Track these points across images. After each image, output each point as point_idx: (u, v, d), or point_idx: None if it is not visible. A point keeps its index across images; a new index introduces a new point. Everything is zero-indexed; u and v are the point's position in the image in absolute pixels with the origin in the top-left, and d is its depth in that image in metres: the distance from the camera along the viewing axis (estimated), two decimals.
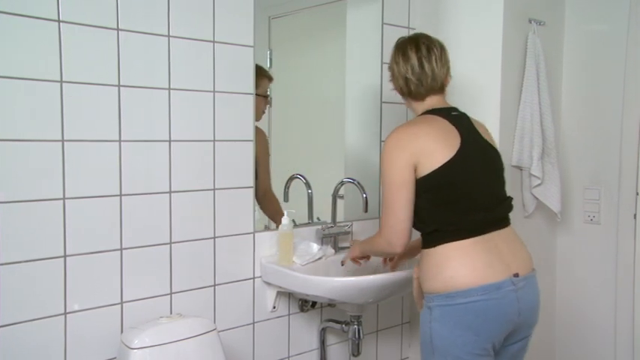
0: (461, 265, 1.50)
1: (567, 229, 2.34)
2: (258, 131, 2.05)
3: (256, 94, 1.90)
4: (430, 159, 1.53)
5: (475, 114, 2.07)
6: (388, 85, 2.19)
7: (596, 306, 2.27)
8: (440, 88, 1.67)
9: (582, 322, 2.32)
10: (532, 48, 2.07)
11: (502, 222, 1.60)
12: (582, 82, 2.28)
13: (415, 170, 1.53)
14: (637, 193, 2.13)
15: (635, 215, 2.14)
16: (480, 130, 1.67)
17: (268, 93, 2.06)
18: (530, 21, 2.10)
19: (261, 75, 1.96)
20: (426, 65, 1.63)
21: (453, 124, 1.59)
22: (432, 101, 1.67)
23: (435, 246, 1.54)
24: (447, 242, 1.52)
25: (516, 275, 1.52)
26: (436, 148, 1.53)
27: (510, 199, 1.66)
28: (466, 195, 1.55)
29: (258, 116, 1.96)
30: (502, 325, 1.51)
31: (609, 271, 2.22)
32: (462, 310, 1.48)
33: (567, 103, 2.33)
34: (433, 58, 1.64)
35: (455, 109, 1.67)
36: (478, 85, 2.08)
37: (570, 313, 2.34)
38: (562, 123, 2.34)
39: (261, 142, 1.99)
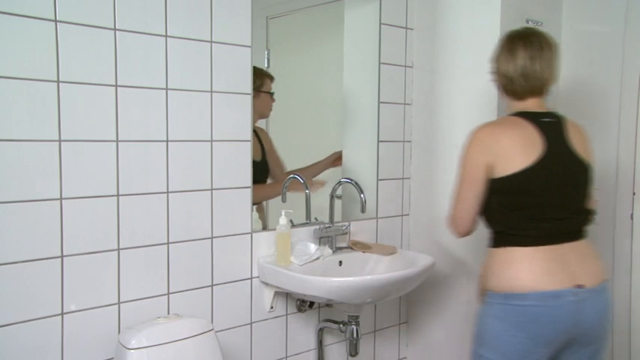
0: (521, 269, 1.53)
1: None
2: (261, 130, 2.09)
3: (263, 92, 2.00)
4: (506, 163, 1.54)
5: (475, 114, 2.10)
6: (386, 85, 2.20)
7: None
8: (542, 91, 1.63)
9: None
10: None
11: (575, 234, 1.59)
12: (579, 82, 2.29)
13: (490, 170, 1.56)
14: (634, 194, 2.14)
15: (632, 215, 2.15)
16: (573, 140, 1.61)
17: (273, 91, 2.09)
18: (527, 21, 2.10)
19: (264, 75, 2.04)
20: (535, 66, 1.58)
21: (540, 132, 1.57)
22: (530, 103, 1.63)
23: (499, 247, 1.59)
24: (510, 246, 1.56)
25: (580, 286, 1.52)
26: (515, 154, 1.54)
27: (589, 212, 1.64)
28: (536, 204, 1.56)
29: (267, 113, 2.07)
30: (556, 332, 1.52)
31: (606, 270, 2.22)
32: (518, 312, 1.52)
33: (563, 103, 2.33)
34: (543, 58, 1.59)
35: (549, 115, 1.63)
36: (476, 85, 2.09)
37: None
38: None
39: (267, 139, 2.07)
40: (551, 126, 1.60)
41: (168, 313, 1.68)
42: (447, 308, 2.23)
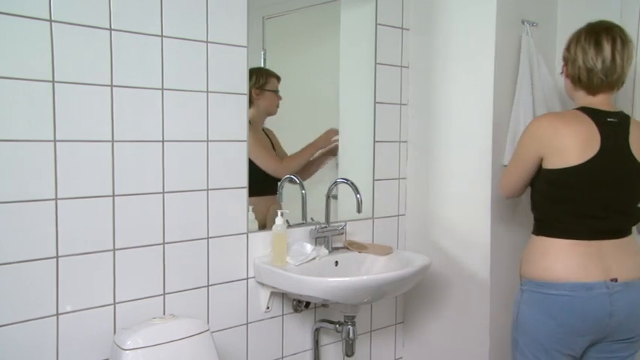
0: (555, 260, 1.60)
1: None
2: (269, 131, 2.17)
3: (268, 90, 2.06)
4: (558, 157, 1.59)
5: (468, 114, 2.10)
6: (382, 86, 2.20)
7: None
8: (615, 87, 1.64)
9: None
10: (525, 48, 2.07)
11: (616, 232, 1.63)
12: None
13: (541, 160, 1.64)
14: None
15: None
16: (635, 143, 1.62)
17: (277, 88, 2.13)
18: (523, 22, 2.11)
19: (269, 74, 2.09)
20: (618, 60, 1.59)
21: (600, 131, 1.58)
22: (600, 99, 1.65)
23: (538, 235, 1.68)
24: (549, 236, 1.64)
25: (614, 280, 1.57)
26: (569, 150, 1.58)
27: (637, 212, 1.67)
28: (579, 201, 1.61)
29: (273, 111, 2.13)
30: (588, 323, 1.58)
31: None
32: (550, 301, 1.60)
33: (562, 104, 2.34)
34: (624, 54, 1.60)
35: (615, 115, 1.63)
36: (471, 85, 2.09)
37: None
38: None
39: (275, 139, 2.16)
40: (614, 126, 1.61)
41: (164, 314, 1.68)
42: (443, 308, 2.23)
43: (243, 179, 1.85)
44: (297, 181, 2.13)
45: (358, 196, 1.93)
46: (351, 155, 2.27)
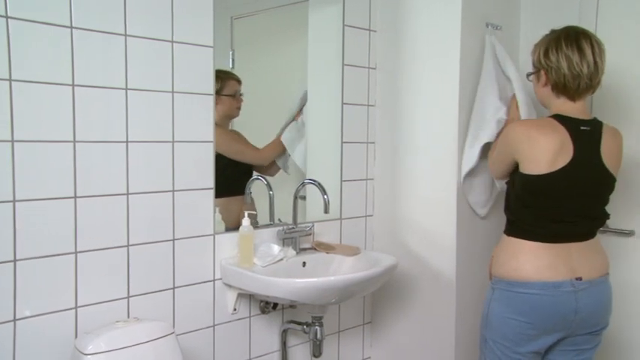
0: (526, 261, 1.65)
1: None
2: (236, 132, 2.15)
3: (225, 95, 2.01)
4: (532, 164, 1.63)
5: (434, 115, 2.12)
6: (349, 87, 2.21)
7: None
8: (593, 92, 1.69)
9: None
10: (489, 49, 2.11)
11: (583, 235, 1.69)
12: None
13: (516, 163, 1.70)
14: None
15: None
16: (606, 151, 1.66)
17: (239, 93, 2.09)
18: (487, 25, 2.15)
19: (227, 77, 2.03)
20: (599, 63, 1.63)
21: (573, 140, 1.61)
22: (577, 106, 1.67)
23: (510, 235, 1.71)
24: (519, 238, 1.68)
25: (579, 279, 1.64)
26: (542, 158, 1.61)
27: (604, 216, 1.74)
28: (550, 207, 1.65)
29: (234, 114, 2.09)
30: (555, 320, 1.64)
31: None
32: (520, 299, 1.65)
33: (521, 107, 2.39)
34: (603, 56, 1.65)
35: (588, 123, 1.66)
36: (437, 86, 2.12)
37: None
38: None
39: (243, 139, 2.15)
40: (587, 135, 1.64)
41: (129, 317, 1.65)
42: (411, 308, 2.25)
43: (210, 180, 1.83)
44: (265, 181, 2.13)
45: (325, 197, 1.93)
46: (319, 156, 2.27)
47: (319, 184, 1.97)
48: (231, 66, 2.14)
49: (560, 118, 1.65)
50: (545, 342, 1.67)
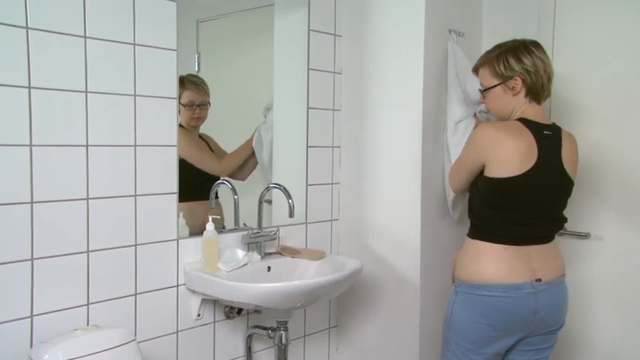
0: (488, 264, 1.67)
1: None
2: (207, 136, 2.13)
3: (180, 103, 1.91)
4: (499, 167, 1.64)
5: (398, 119, 2.15)
6: (314, 91, 2.21)
7: None
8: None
9: None
10: (452, 56, 2.15)
11: (544, 238, 1.74)
12: None
13: (482, 167, 1.70)
14: None
15: None
16: (565, 155, 1.72)
17: (196, 104, 2.03)
18: (450, 31, 2.19)
19: (183, 87, 1.93)
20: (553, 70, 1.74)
21: (538, 144, 1.65)
22: (540, 110, 1.73)
23: (474, 238, 1.74)
24: (484, 240, 1.70)
25: (538, 280, 1.68)
26: (510, 161, 1.63)
27: (563, 220, 1.78)
28: (516, 210, 1.67)
29: (191, 123, 2.03)
30: (516, 320, 1.68)
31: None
32: (482, 301, 1.67)
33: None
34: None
35: (549, 127, 1.71)
36: (401, 90, 2.14)
37: None
38: None
39: (214, 143, 2.14)
40: (549, 140, 1.69)
41: (88, 325, 1.61)
42: (376, 311, 2.27)
43: (173, 184, 1.81)
44: (230, 185, 2.11)
45: (290, 201, 1.93)
46: (285, 160, 2.27)
47: (284, 188, 1.97)
48: (197, 69, 2.12)
49: (526, 122, 1.69)
50: (506, 343, 1.71)
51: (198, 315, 1.90)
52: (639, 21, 2.04)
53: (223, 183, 2.13)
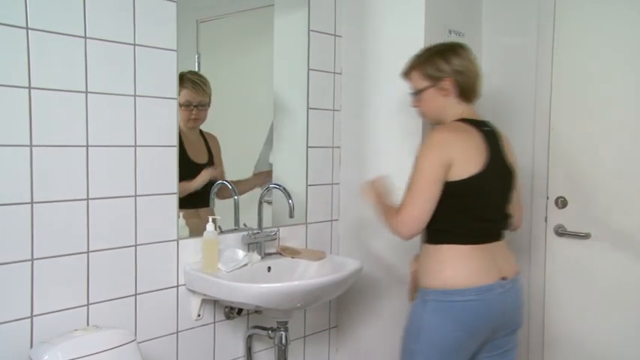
0: (460, 266, 1.62)
1: None
2: (210, 136, 2.10)
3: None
4: (462, 167, 1.60)
5: (398, 120, 2.15)
6: (315, 91, 2.21)
7: None
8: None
9: None
10: None
11: (500, 234, 1.73)
12: (498, 91, 2.40)
13: (447, 173, 1.60)
14: (547, 198, 2.26)
15: (545, 218, 2.27)
16: (505, 149, 1.74)
17: (193, 104, 2.01)
18: (450, 32, 2.19)
19: (182, 86, 1.91)
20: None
21: (484, 140, 1.66)
22: (471, 109, 1.74)
23: (437, 244, 1.65)
24: (449, 243, 1.63)
25: (504, 278, 1.65)
26: (469, 159, 1.61)
27: (510, 215, 1.77)
28: (480, 207, 1.65)
29: (189, 124, 2.01)
30: (488, 324, 1.64)
31: (523, 270, 2.34)
32: (456, 308, 1.60)
33: (484, 112, 2.43)
34: None
35: (486, 124, 1.73)
36: (401, 91, 2.14)
37: None
38: None
39: (215, 144, 2.11)
40: (490, 135, 1.70)
41: (88, 325, 1.61)
42: (376, 312, 2.27)
43: (173, 185, 1.81)
44: (230, 186, 2.11)
45: (290, 201, 1.93)
46: (285, 161, 2.27)
47: (284, 188, 1.97)
48: (197, 69, 2.12)
49: (468, 121, 1.69)
50: (474, 347, 1.66)
51: (199, 315, 1.90)
52: (639, 21, 2.05)
53: (223, 183, 2.12)
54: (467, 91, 1.71)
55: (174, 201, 1.82)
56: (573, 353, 2.21)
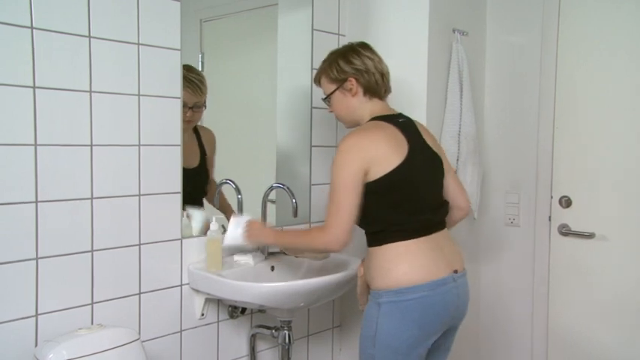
0: (410, 262, 1.59)
1: (490, 231, 2.44)
2: (205, 131, 2.06)
3: None
4: (382, 165, 1.58)
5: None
6: (318, 90, 2.21)
7: (516, 300, 2.39)
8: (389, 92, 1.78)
9: (503, 315, 2.43)
10: (455, 56, 2.15)
11: (442, 224, 1.70)
12: (503, 90, 2.40)
13: (366, 175, 1.58)
14: (551, 197, 2.26)
15: (549, 217, 2.27)
16: (425, 136, 1.73)
17: (188, 105, 1.95)
18: (454, 31, 2.18)
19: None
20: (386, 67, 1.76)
21: (401, 131, 1.65)
22: (383, 105, 1.74)
23: (382, 244, 1.61)
24: (394, 241, 1.60)
25: (455, 271, 1.64)
26: (387, 154, 1.59)
27: (447, 202, 1.75)
28: (413, 198, 1.62)
29: (184, 126, 1.92)
30: (443, 319, 1.62)
31: (527, 269, 2.34)
32: (411, 306, 1.56)
33: (489, 111, 2.44)
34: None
35: (401, 116, 1.73)
36: (405, 90, 2.14)
37: (493, 307, 2.44)
38: (485, 130, 2.44)
39: (210, 142, 2.07)
40: (408, 126, 1.70)
41: (92, 324, 1.62)
42: None
43: (177, 184, 1.82)
44: (234, 185, 2.11)
45: (294, 200, 1.93)
46: (288, 160, 2.27)
47: (288, 188, 1.97)
48: (200, 69, 2.12)
49: (379, 118, 1.69)
50: (430, 343, 1.63)
51: (202, 314, 1.90)
52: None
53: (226, 182, 2.12)
54: (372, 87, 1.71)
55: (178, 200, 1.82)
56: (577, 353, 2.21)
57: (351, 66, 1.70)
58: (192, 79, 1.95)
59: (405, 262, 1.59)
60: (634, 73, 2.07)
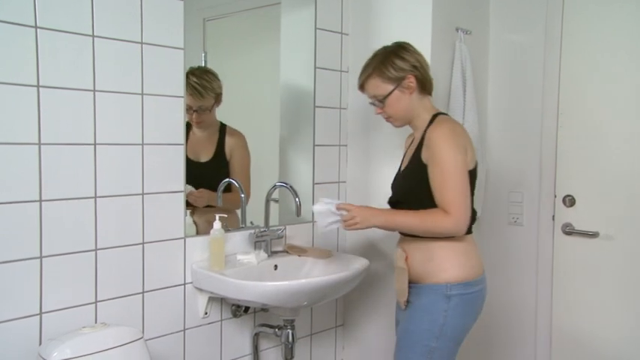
0: (475, 257, 1.66)
1: (494, 230, 2.44)
2: (234, 133, 2.07)
3: None
4: (470, 156, 1.65)
5: None
6: (321, 89, 2.21)
7: (520, 298, 2.38)
8: None
9: (507, 314, 2.42)
10: (458, 55, 2.14)
11: None
12: (506, 89, 2.39)
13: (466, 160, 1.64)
14: (555, 196, 2.25)
15: (553, 217, 2.26)
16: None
17: (192, 107, 1.96)
18: (457, 30, 2.18)
19: None
20: None
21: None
22: (431, 102, 1.78)
23: (454, 237, 1.63)
24: (467, 234, 1.65)
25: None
26: (471, 148, 1.67)
27: None
28: (473, 194, 1.68)
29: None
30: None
31: (531, 268, 2.33)
32: (474, 298, 1.64)
33: (493, 110, 2.43)
34: None
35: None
36: None
37: (496, 307, 2.44)
38: (488, 129, 2.44)
39: (238, 143, 2.08)
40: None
41: (96, 322, 1.62)
42: (382, 310, 2.26)
43: (180, 183, 1.82)
44: (237, 184, 2.11)
45: (297, 199, 1.93)
46: (291, 159, 2.27)
47: (291, 187, 1.97)
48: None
49: (443, 114, 1.75)
50: None
51: (205, 313, 1.90)
52: None
53: (230, 182, 2.13)
54: (426, 83, 1.73)
55: (181, 199, 1.82)
56: (581, 352, 2.20)
57: (407, 63, 1.69)
58: (193, 84, 1.95)
59: (474, 256, 1.66)
60: (639, 71, 2.06)
